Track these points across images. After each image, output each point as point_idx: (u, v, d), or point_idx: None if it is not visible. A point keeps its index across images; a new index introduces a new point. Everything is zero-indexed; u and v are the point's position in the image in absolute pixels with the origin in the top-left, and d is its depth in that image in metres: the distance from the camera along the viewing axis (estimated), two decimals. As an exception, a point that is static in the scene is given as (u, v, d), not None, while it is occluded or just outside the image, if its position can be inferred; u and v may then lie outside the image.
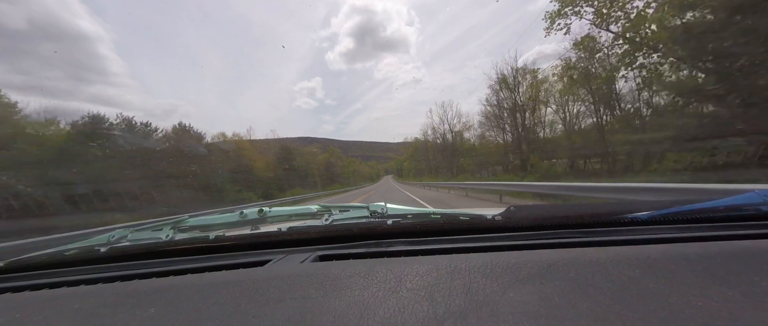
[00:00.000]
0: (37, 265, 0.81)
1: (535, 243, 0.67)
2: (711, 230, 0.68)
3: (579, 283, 0.43)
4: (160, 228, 0.87)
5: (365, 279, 0.49)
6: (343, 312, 0.41)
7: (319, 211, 0.90)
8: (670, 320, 0.35)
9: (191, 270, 0.68)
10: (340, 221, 0.83)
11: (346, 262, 0.62)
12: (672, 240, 0.62)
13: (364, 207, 0.88)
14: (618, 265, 0.47)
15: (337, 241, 0.79)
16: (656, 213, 0.72)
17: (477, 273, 0.48)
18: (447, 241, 0.73)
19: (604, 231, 0.71)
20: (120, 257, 0.81)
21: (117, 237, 0.85)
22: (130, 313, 0.46)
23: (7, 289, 0.67)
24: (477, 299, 0.41)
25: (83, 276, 0.72)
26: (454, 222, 0.80)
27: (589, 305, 0.38)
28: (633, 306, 0.37)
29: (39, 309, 0.52)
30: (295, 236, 0.80)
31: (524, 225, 0.76)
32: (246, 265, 0.69)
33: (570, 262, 0.49)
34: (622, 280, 0.43)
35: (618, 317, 0.35)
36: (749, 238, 0.60)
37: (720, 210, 0.71)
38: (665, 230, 0.69)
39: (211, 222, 0.90)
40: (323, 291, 0.47)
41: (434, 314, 0.39)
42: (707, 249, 0.52)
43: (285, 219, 0.93)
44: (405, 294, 0.44)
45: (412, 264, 0.54)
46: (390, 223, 0.79)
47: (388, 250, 0.70)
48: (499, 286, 0.44)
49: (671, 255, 0.49)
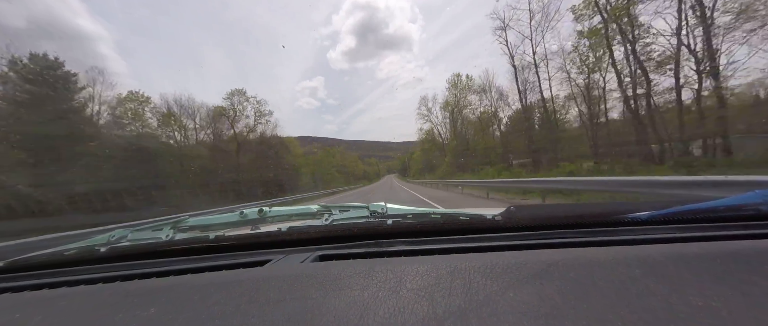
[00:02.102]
0: (37, 265, 0.81)
1: (535, 243, 0.67)
2: (711, 230, 0.67)
3: (579, 283, 0.43)
4: (160, 228, 0.87)
5: (365, 279, 0.49)
6: (343, 312, 0.41)
7: (319, 211, 0.90)
8: (670, 320, 0.35)
9: (191, 270, 0.68)
10: (340, 221, 0.83)
11: (346, 262, 0.62)
12: (672, 240, 0.62)
13: (364, 207, 0.88)
14: (618, 265, 0.47)
15: (337, 241, 0.79)
16: (656, 213, 0.71)
17: (477, 273, 0.48)
18: (447, 241, 0.73)
19: (604, 231, 0.71)
20: (120, 257, 0.81)
21: (117, 237, 0.85)
22: (130, 313, 0.46)
23: (7, 289, 0.67)
24: (477, 299, 0.41)
25: (83, 276, 0.72)
26: (454, 222, 0.80)
27: (589, 305, 0.38)
28: (633, 306, 0.37)
29: (39, 309, 0.52)
30: (295, 236, 0.80)
31: (524, 225, 0.76)
32: (246, 265, 0.69)
33: (570, 262, 0.49)
34: (622, 280, 0.43)
35: (618, 317, 0.35)
36: (749, 238, 0.60)
37: (720, 210, 0.71)
38: (665, 230, 0.69)
39: (211, 222, 0.90)
40: (323, 291, 0.47)
41: (434, 314, 0.38)
42: (707, 249, 0.52)
43: (285, 219, 0.93)
44: (405, 294, 0.44)
45: (412, 264, 0.54)
46: (390, 223, 0.79)
47: (388, 250, 0.70)
48: (499, 286, 0.44)
49: (671, 255, 0.49)
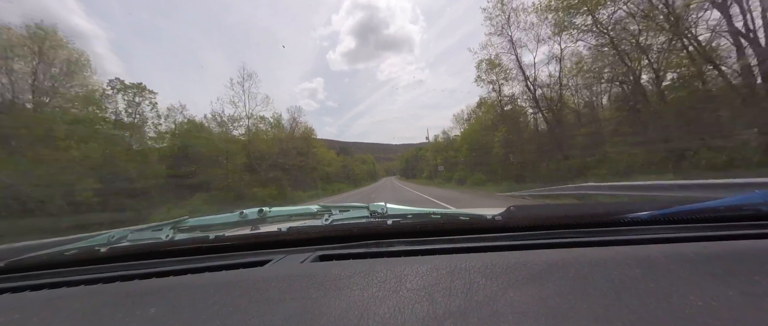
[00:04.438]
0: (37, 265, 0.81)
1: (535, 243, 0.67)
2: (711, 230, 0.67)
3: (579, 283, 0.43)
4: (160, 228, 0.87)
5: (365, 279, 0.49)
6: (343, 312, 0.41)
7: (319, 211, 0.90)
8: (670, 320, 0.35)
9: (191, 270, 0.68)
10: (340, 221, 0.83)
11: (346, 262, 0.62)
12: (672, 240, 0.62)
13: (364, 207, 0.88)
14: (618, 265, 0.47)
15: (337, 241, 0.79)
16: (656, 213, 0.71)
17: (477, 273, 0.48)
18: (447, 241, 0.73)
19: (604, 231, 0.71)
20: (120, 257, 0.81)
21: (117, 237, 0.85)
22: (130, 313, 0.46)
23: (7, 289, 0.67)
24: (477, 299, 0.41)
25: (83, 276, 0.71)
26: (454, 222, 0.80)
27: (589, 305, 0.38)
28: (633, 306, 0.37)
29: (39, 309, 0.52)
30: (295, 236, 0.80)
31: (524, 225, 0.76)
32: (246, 265, 0.69)
33: (570, 262, 0.49)
34: (622, 280, 0.43)
35: (618, 317, 0.35)
36: (749, 238, 0.60)
37: (720, 210, 0.71)
38: (665, 230, 0.69)
39: (211, 222, 0.90)
40: (323, 291, 0.47)
41: (434, 314, 0.38)
42: (707, 249, 0.52)
43: (285, 219, 0.93)
44: (405, 294, 0.44)
45: (412, 264, 0.54)
46: (390, 223, 0.79)
47: (388, 250, 0.70)
48: (499, 286, 0.44)
49: (671, 255, 0.49)
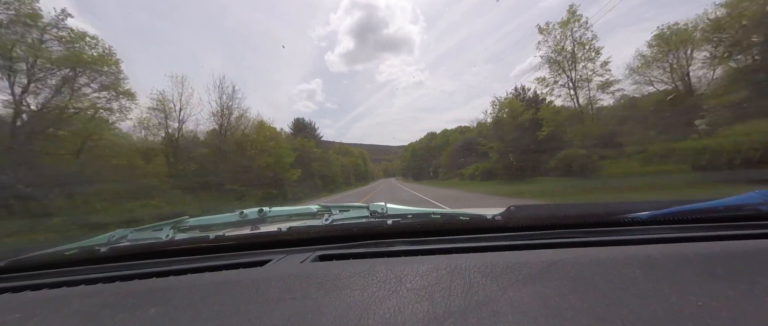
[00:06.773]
0: (37, 265, 0.81)
1: (535, 243, 0.67)
2: (711, 230, 0.67)
3: (579, 283, 0.43)
4: (160, 228, 0.87)
5: (365, 279, 0.49)
6: (343, 312, 0.41)
7: (319, 211, 0.90)
8: (670, 320, 0.35)
9: (191, 270, 0.68)
10: (340, 221, 0.83)
11: (346, 262, 0.62)
12: (672, 240, 0.62)
13: (364, 207, 0.88)
14: (618, 265, 0.47)
15: (337, 241, 0.79)
16: (656, 213, 0.72)
17: (477, 273, 0.48)
18: (447, 241, 0.73)
19: (604, 231, 0.71)
20: (120, 257, 0.81)
21: (117, 237, 0.85)
22: (130, 313, 0.46)
23: (7, 289, 0.66)
24: (477, 299, 0.41)
25: (83, 276, 0.71)
26: (454, 222, 0.79)
27: (589, 305, 0.38)
28: (633, 306, 0.37)
29: (39, 309, 0.52)
30: (295, 236, 0.80)
31: (524, 225, 0.75)
32: (246, 265, 0.69)
33: (570, 262, 0.49)
34: (622, 280, 0.43)
35: (618, 317, 0.35)
36: (749, 238, 0.60)
37: (720, 210, 0.72)
38: (665, 230, 0.69)
39: (211, 222, 0.90)
40: (323, 291, 0.47)
41: (434, 314, 0.38)
42: (707, 249, 0.52)
43: (285, 219, 0.92)
44: (405, 294, 0.44)
45: (412, 264, 0.54)
46: (390, 223, 0.79)
47: (388, 250, 0.70)
48: (499, 286, 0.44)
49: (671, 255, 0.49)
